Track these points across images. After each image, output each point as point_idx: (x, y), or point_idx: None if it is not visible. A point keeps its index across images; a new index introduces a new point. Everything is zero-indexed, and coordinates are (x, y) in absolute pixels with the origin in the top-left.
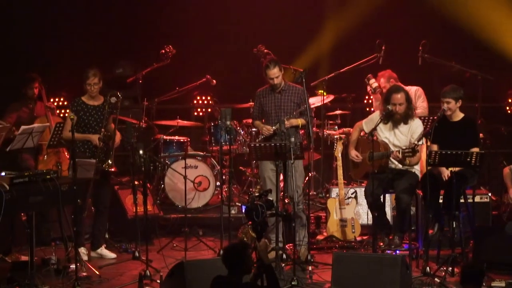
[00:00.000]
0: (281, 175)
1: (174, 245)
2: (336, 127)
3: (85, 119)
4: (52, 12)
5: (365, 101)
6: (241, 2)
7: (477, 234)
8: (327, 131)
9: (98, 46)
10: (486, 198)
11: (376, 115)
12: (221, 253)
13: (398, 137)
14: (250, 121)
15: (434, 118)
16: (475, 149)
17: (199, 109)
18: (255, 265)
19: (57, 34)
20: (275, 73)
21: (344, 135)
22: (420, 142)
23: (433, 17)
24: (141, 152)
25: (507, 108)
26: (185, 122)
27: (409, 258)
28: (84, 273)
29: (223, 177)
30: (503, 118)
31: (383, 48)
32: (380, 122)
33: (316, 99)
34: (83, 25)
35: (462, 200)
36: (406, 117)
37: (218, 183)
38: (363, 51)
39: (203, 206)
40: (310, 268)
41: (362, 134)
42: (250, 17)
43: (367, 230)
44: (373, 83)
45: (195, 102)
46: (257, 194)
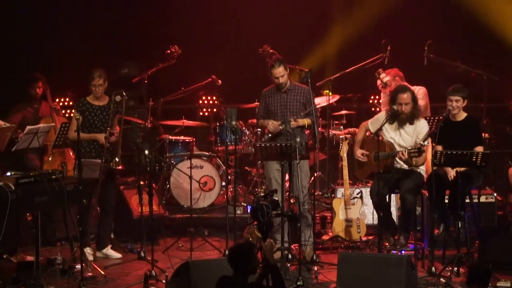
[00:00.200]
0: (287, 175)
1: (180, 245)
2: (342, 127)
3: (90, 119)
4: (57, 12)
5: (371, 101)
6: (247, 3)
7: (483, 234)
8: (333, 131)
9: (104, 46)
10: (492, 198)
11: (382, 115)
12: (227, 253)
13: (404, 137)
14: (255, 121)
15: (440, 118)
16: (479, 148)
17: (205, 109)
18: (261, 265)
19: (63, 35)
20: (280, 72)
21: (350, 135)
22: (426, 142)
23: (438, 17)
24: (147, 152)
25: None
26: (191, 122)
27: (415, 258)
28: (90, 273)
29: (229, 177)
30: (509, 118)
31: (389, 48)
32: (386, 122)
33: (322, 99)
34: (89, 26)
35: (468, 200)
36: (412, 117)
37: (224, 183)
38: (369, 51)
39: (209, 206)
40: (316, 268)
41: (368, 134)
42: (256, 17)
43: (373, 230)
44: (384, 77)
45: (201, 102)
46: (263, 194)
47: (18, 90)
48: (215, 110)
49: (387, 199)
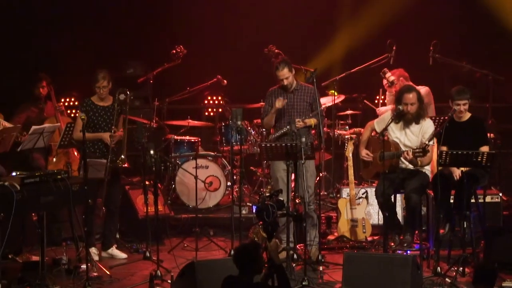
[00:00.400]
0: (293, 175)
1: (185, 245)
2: (347, 127)
3: (94, 120)
4: (62, 12)
5: (376, 101)
6: (253, 2)
7: (488, 234)
8: (338, 131)
9: (109, 47)
10: (497, 198)
11: (388, 115)
12: (232, 253)
13: (409, 137)
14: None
15: (445, 118)
16: (485, 148)
17: (210, 109)
18: (266, 265)
19: (68, 35)
20: (285, 74)
21: (355, 135)
22: (431, 143)
23: (443, 17)
24: (152, 152)
25: None
26: (196, 122)
27: (420, 258)
28: (95, 273)
29: (234, 177)
30: None
31: (394, 48)
32: (392, 122)
33: (327, 99)
34: (94, 26)
35: (473, 200)
36: (418, 117)
37: (229, 183)
38: (375, 51)
39: (214, 206)
40: (321, 268)
41: (374, 134)
42: (262, 18)
43: (378, 230)
44: (390, 77)
45: (206, 102)
46: (268, 194)
47: (23, 90)
48: (221, 110)
49: (393, 199)
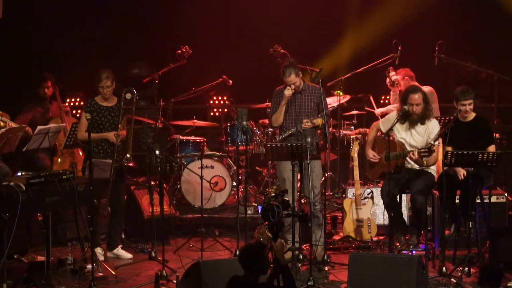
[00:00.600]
0: (299, 175)
1: (191, 245)
2: (353, 127)
3: (98, 120)
4: (68, 12)
5: (381, 101)
6: (258, 3)
7: (494, 234)
8: (344, 131)
9: (115, 47)
10: (503, 198)
11: (393, 115)
12: (238, 254)
13: (415, 137)
14: (267, 121)
15: (450, 119)
16: (492, 147)
17: (216, 109)
18: (272, 266)
19: (73, 35)
20: (292, 80)
21: (361, 135)
22: (437, 142)
23: (449, 17)
24: (158, 153)
25: None
26: (202, 122)
27: (425, 258)
28: (101, 273)
29: (240, 177)
30: None
31: (399, 48)
32: (397, 122)
33: (333, 99)
34: (100, 26)
35: (478, 200)
36: (423, 118)
37: (235, 183)
38: (381, 52)
39: (220, 206)
40: (327, 268)
41: (379, 134)
42: (267, 18)
43: (384, 230)
44: (393, 76)
45: (212, 102)
46: (273, 195)
47: (29, 90)
48: (226, 110)
49: (398, 199)
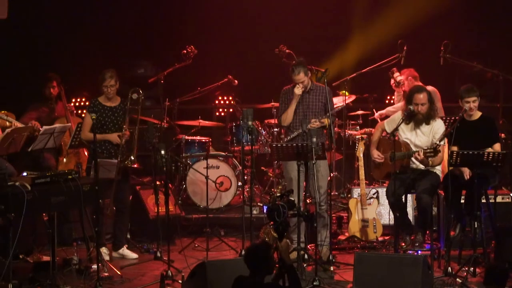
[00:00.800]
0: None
1: (196, 245)
2: (358, 127)
3: (102, 120)
4: (74, 13)
5: (387, 101)
6: (263, 3)
7: (499, 234)
8: (349, 131)
9: (120, 47)
10: (508, 198)
11: (398, 115)
12: (243, 254)
13: (420, 138)
14: (272, 121)
15: (456, 118)
16: (497, 145)
17: (221, 109)
18: (277, 266)
19: (79, 35)
20: (300, 79)
21: (366, 135)
22: (442, 142)
23: (455, 17)
24: (163, 152)
25: None
26: (207, 122)
27: (431, 258)
28: (106, 273)
29: (245, 177)
30: None
31: (405, 48)
32: (402, 122)
33: (338, 99)
34: (106, 26)
35: (484, 200)
36: (428, 117)
37: (240, 183)
38: (388, 52)
39: (225, 206)
40: (332, 268)
41: (384, 134)
42: (272, 17)
43: (389, 230)
44: (397, 77)
45: (217, 102)
46: (279, 194)
47: (34, 90)
48: (231, 110)
49: (404, 199)
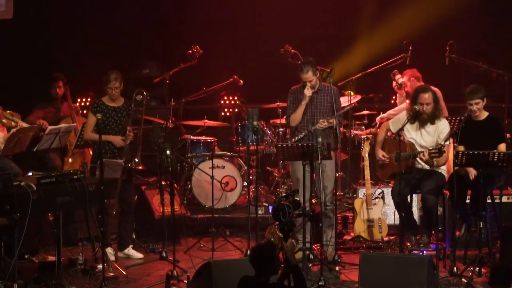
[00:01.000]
0: (314, 176)
1: (201, 245)
2: (363, 127)
3: (105, 121)
4: (79, 13)
5: (392, 101)
6: (269, 3)
7: (504, 234)
8: (354, 131)
9: (126, 47)
10: None
11: (403, 115)
12: (249, 254)
13: (425, 138)
14: (278, 121)
15: (461, 119)
16: (502, 145)
17: (226, 109)
18: (282, 266)
19: (84, 35)
20: (308, 77)
21: (371, 135)
22: (447, 143)
23: (460, 17)
24: (168, 152)
25: None
26: (212, 122)
27: (436, 258)
28: (111, 273)
29: (250, 177)
30: None
31: (410, 49)
32: (407, 122)
33: (343, 99)
34: (111, 26)
35: (489, 200)
36: (433, 117)
37: (245, 183)
38: (393, 53)
39: (230, 206)
40: (337, 268)
41: (389, 134)
42: (278, 17)
43: (394, 230)
44: (399, 79)
45: (222, 102)
46: (284, 194)
47: (40, 90)
48: (237, 110)
49: (409, 199)
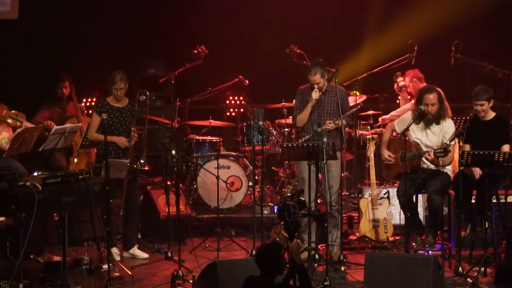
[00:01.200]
0: (320, 175)
1: (207, 245)
2: (369, 127)
3: (109, 121)
4: (85, 13)
5: (398, 101)
6: (275, 2)
7: (510, 234)
8: (360, 131)
9: (131, 47)
10: None
11: (408, 116)
12: (254, 253)
13: (430, 138)
14: (283, 121)
15: (467, 119)
16: (506, 146)
17: (232, 109)
18: (288, 266)
19: (90, 35)
20: (316, 80)
21: (377, 135)
22: (452, 143)
23: (465, 16)
24: (174, 152)
25: None
26: (218, 122)
27: (442, 258)
28: (117, 273)
29: (256, 177)
30: None
31: (416, 48)
32: (413, 123)
33: (349, 99)
34: (116, 26)
35: (495, 200)
36: (438, 118)
37: (251, 183)
38: (399, 53)
39: (236, 206)
40: (343, 268)
41: (394, 135)
42: (283, 17)
43: (400, 230)
44: (400, 81)
45: (228, 102)
46: (290, 194)
47: (45, 90)
48: (242, 110)
49: (414, 199)
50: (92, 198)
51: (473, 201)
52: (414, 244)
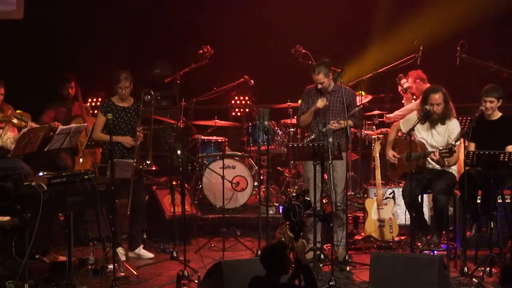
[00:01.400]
0: (326, 176)
1: (212, 245)
2: (374, 127)
3: (114, 121)
4: (91, 13)
5: (403, 101)
6: (280, 2)
7: None
8: (365, 131)
9: (137, 47)
10: None
11: (414, 115)
12: (259, 254)
13: (435, 138)
14: (288, 121)
15: (471, 119)
16: (510, 147)
17: (237, 109)
18: (293, 266)
19: (96, 35)
20: (319, 79)
21: (382, 135)
22: (458, 143)
23: (470, 16)
24: (179, 152)
25: None
26: (223, 122)
27: (447, 258)
28: (122, 273)
29: (261, 177)
30: None
31: (421, 49)
32: (418, 122)
33: None
34: (122, 26)
35: (500, 201)
36: (444, 117)
37: (256, 183)
38: (403, 52)
39: (241, 206)
40: (348, 269)
41: (400, 135)
42: (289, 17)
43: (405, 230)
44: (404, 83)
45: (233, 102)
46: (295, 194)
47: (51, 91)
48: (248, 110)
49: (420, 199)
50: (98, 198)
51: (479, 201)
52: (420, 244)
